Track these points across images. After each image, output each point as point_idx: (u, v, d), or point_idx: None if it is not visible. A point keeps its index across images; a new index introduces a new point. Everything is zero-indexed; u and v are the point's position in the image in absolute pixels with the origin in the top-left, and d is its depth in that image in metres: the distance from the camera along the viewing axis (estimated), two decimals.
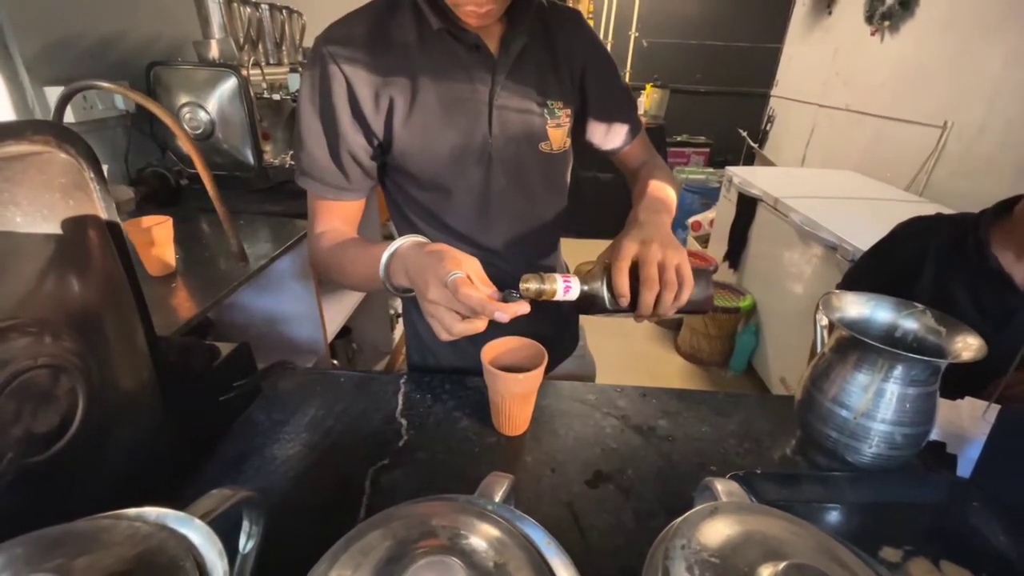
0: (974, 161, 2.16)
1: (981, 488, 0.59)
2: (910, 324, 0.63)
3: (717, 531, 0.29)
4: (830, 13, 3.28)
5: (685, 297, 0.55)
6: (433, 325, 0.49)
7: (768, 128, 3.95)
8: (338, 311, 1.77)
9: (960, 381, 0.64)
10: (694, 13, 3.80)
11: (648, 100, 3.87)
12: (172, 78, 1.37)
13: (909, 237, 0.97)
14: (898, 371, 0.57)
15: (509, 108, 0.67)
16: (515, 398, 0.63)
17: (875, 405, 0.58)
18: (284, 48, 1.75)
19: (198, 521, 0.30)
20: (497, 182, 0.70)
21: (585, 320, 0.93)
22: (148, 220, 0.98)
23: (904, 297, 0.65)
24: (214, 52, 1.44)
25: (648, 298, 0.54)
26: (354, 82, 0.61)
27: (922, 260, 0.92)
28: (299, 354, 1.52)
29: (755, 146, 3.82)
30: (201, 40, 1.43)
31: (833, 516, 0.58)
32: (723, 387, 2.41)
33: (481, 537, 0.28)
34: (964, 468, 0.64)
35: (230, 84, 1.38)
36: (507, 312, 0.46)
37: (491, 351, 0.64)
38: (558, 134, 0.71)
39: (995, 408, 0.62)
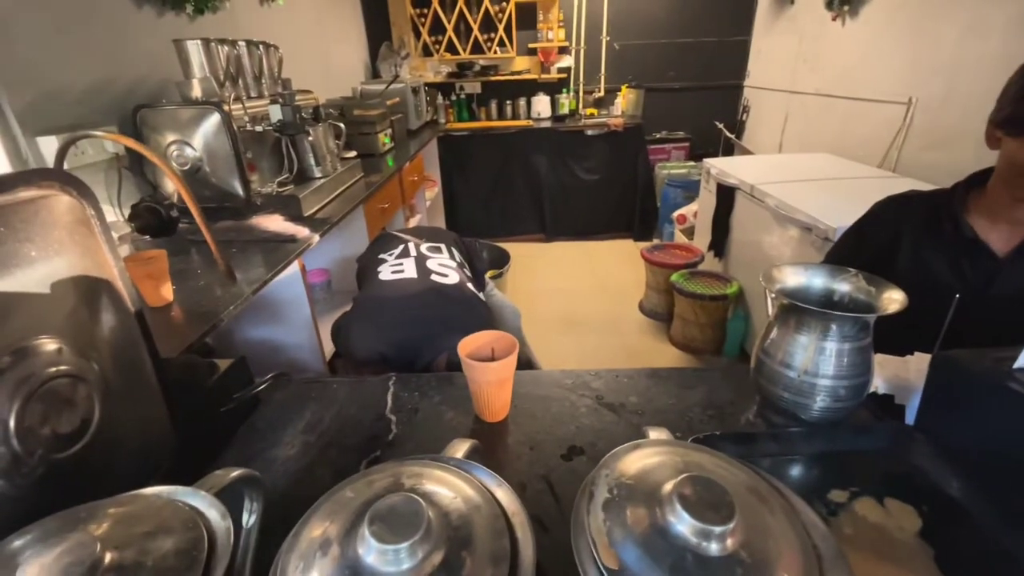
0: (940, 134, 2.23)
1: (922, 431, 0.64)
2: (844, 287, 0.69)
3: (636, 461, 0.35)
4: (792, 2, 3.37)
5: None
6: None
7: (744, 118, 4.03)
8: None
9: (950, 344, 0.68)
10: (661, 13, 3.90)
11: (624, 101, 3.96)
12: (158, 119, 1.44)
13: (885, 216, 1.00)
14: (832, 329, 0.63)
15: None
16: (492, 385, 0.69)
17: (816, 362, 0.64)
18: (263, 81, 1.82)
19: (203, 492, 0.36)
20: None
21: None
22: (145, 254, 1.04)
23: (885, 272, 0.68)
24: (196, 91, 1.52)
25: None
26: None
27: (899, 236, 0.95)
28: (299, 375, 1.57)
29: (732, 137, 3.89)
30: (183, 80, 1.51)
31: (788, 468, 0.63)
32: None
33: (437, 482, 0.34)
34: (911, 417, 0.70)
35: (213, 120, 1.45)
36: None
37: (467, 346, 0.70)
38: None
39: None
